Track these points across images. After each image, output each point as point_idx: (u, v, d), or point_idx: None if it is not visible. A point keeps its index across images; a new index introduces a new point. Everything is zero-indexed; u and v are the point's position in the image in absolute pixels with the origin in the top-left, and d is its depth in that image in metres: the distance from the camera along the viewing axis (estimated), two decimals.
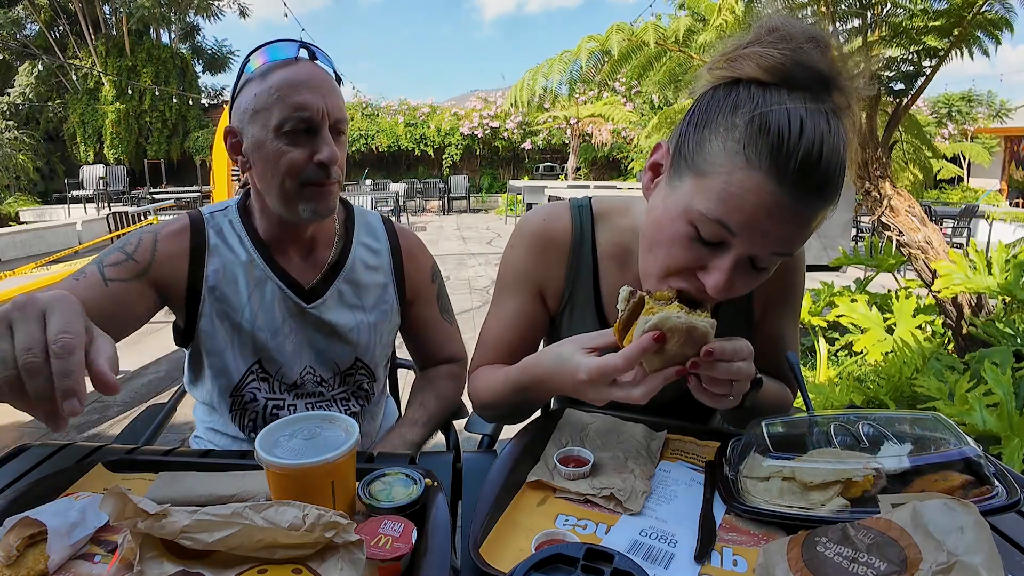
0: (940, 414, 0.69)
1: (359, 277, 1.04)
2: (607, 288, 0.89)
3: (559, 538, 0.58)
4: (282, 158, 0.87)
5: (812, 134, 0.57)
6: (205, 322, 0.96)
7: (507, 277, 0.92)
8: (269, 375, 0.99)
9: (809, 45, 0.60)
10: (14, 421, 2.91)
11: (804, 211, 0.60)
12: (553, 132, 14.62)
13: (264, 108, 0.87)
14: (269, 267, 0.97)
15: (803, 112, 0.58)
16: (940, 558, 0.45)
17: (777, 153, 0.57)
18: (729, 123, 0.61)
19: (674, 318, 0.62)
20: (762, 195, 0.58)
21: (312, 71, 0.89)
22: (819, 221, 0.62)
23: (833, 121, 0.60)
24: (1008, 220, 8.89)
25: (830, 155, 0.58)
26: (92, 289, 0.88)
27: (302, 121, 0.87)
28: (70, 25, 13.41)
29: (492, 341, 0.94)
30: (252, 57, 0.91)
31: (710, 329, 0.63)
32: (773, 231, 0.60)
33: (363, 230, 1.07)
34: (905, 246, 2.77)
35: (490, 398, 0.88)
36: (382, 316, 1.06)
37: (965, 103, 13.88)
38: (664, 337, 0.61)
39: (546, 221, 0.90)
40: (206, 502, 0.64)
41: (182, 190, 11.98)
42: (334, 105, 0.89)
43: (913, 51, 2.65)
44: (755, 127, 0.59)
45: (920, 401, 2.06)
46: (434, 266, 1.15)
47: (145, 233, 0.96)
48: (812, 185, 0.58)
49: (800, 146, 0.57)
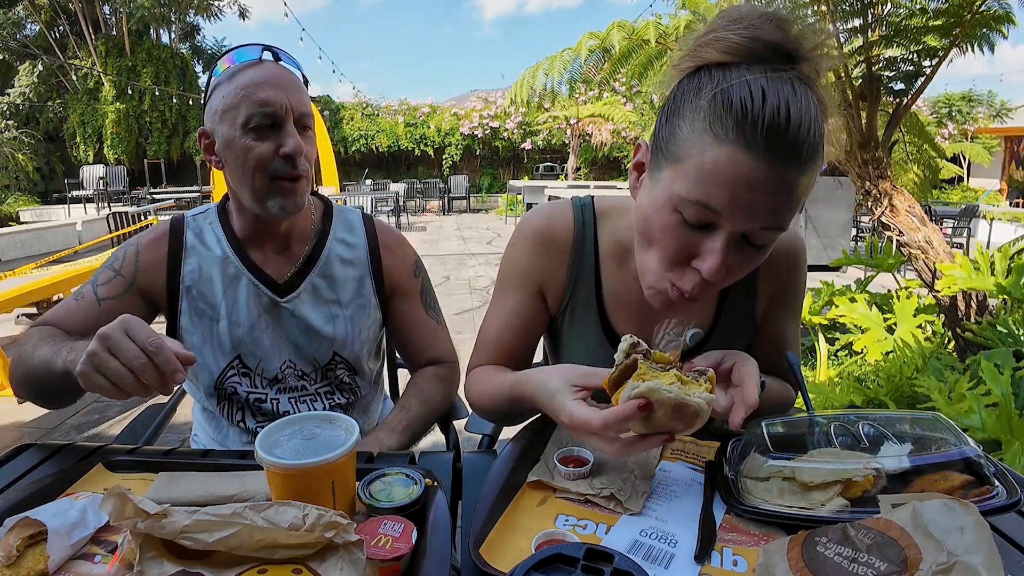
0: (940, 414, 0.69)
1: (334, 271, 1.05)
2: (609, 287, 0.88)
3: (559, 538, 0.58)
4: (250, 153, 0.91)
5: (776, 99, 0.58)
6: (184, 320, 1.00)
7: (508, 275, 0.92)
8: (250, 370, 1.02)
9: (766, 24, 0.61)
10: (14, 421, 2.91)
11: (782, 178, 0.59)
12: (553, 132, 14.62)
13: (232, 107, 0.91)
14: (243, 263, 1.01)
15: (764, 81, 0.59)
16: (940, 558, 0.45)
17: (743, 122, 0.58)
18: (695, 106, 0.62)
19: (663, 391, 0.58)
20: (736, 167, 0.59)
21: (276, 70, 0.94)
22: (805, 188, 0.61)
23: (800, 88, 0.59)
24: (1008, 220, 8.89)
25: (798, 118, 0.58)
26: (90, 309, 0.97)
27: (267, 116, 0.90)
28: (70, 25, 13.41)
29: (491, 341, 0.93)
30: (220, 62, 0.96)
31: (704, 407, 0.59)
32: (756, 203, 0.60)
33: (340, 225, 1.09)
34: (905, 246, 2.77)
35: (485, 402, 0.89)
36: (359, 310, 1.06)
37: (965, 103, 13.88)
38: (651, 406, 0.59)
39: (549, 219, 0.89)
40: (206, 502, 0.64)
41: (182, 190, 11.98)
42: (297, 100, 0.93)
43: (913, 51, 2.65)
44: (718, 103, 0.60)
45: (920, 401, 2.06)
46: (417, 261, 1.15)
47: (129, 247, 1.02)
48: (784, 149, 0.58)
49: (764, 112, 0.57)
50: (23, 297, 3.44)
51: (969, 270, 2.51)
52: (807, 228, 6.27)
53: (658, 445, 0.63)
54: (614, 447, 0.63)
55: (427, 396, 1.07)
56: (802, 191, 0.61)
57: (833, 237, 6.76)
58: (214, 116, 0.94)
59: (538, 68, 4.26)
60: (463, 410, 1.17)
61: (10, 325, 4.55)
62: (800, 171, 0.60)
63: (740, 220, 0.61)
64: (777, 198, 0.60)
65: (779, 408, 0.88)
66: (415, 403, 1.04)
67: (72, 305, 0.98)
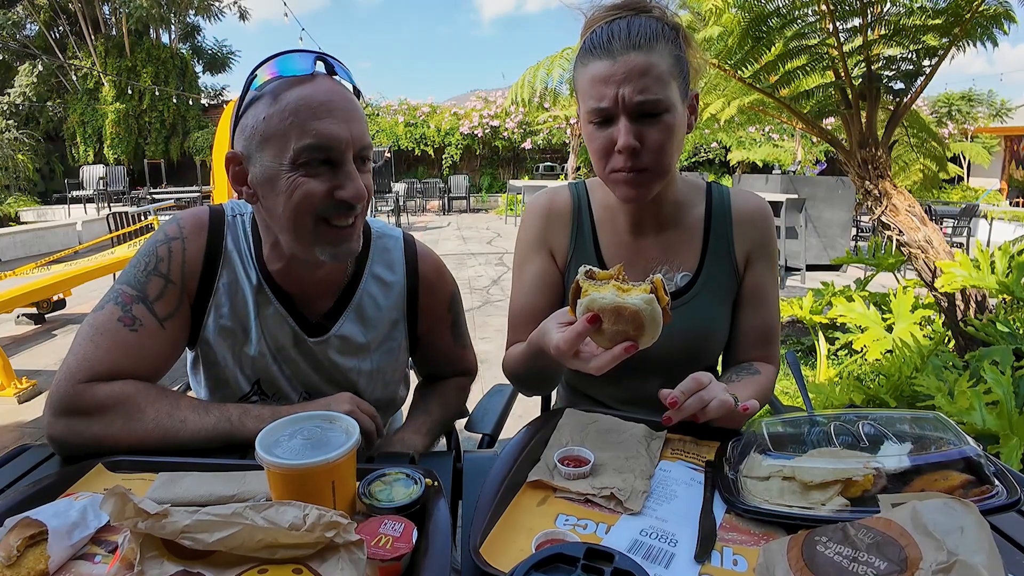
0: (940, 413, 0.69)
1: (367, 313, 0.96)
2: (605, 242, 1.04)
3: (559, 538, 0.58)
4: (296, 191, 0.77)
5: (613, 21, 0.86)
6: (210, 334, 0.91)
7: (523, 248, 1.07)
8: (267, 396, 0.96)
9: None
10: (15, 421, 2.91)
11: (631, 62, 0.82)
12: (553, 132, 14.61)
13: (278, 135, 0.76)
14: (274, 294, 0.91)
15: (604, 18, 0.88)
16: (940, 557, 0.45)
17: (592, 45, 0.86)
18: (576, 63, 0.91)
19: (599, 299, 0.67)
20: (598, 70, 0.85)
21: (332, 90, 0.79)
22: (665, 68, 0.83)
23: (638, 16, 0.86)
24: (1008, 219, 8.89)
25: (628, 25, 0.84)
26: (154, 338, 0.83)
27: (322, 151, 0.76)
28: (70, 25, 13.40)
29: (520, 312, 1.04)
30: (259, 71, 0.79)
31: (643, 306, 0.66)
32: (625, 86, 0.83)
33: (378, 259, 0.98)
34: (905, 245, 2.77)
35: (519, 372, 0.98)
36: (386, 356, 1.00)
37: (965, 103, 13.88)
38: (598, 318, 0.68)
39: (550, 196, 1.07)
40: (206, 502, 0.64)
41: (182, 190, 11.98)
42: (359, 132, 0.79)
43: (912, 50, 2.65)
44: (581, 49, 0.89)
45: (920, 400, 2.06)
46: (453, 295, 1.07)
47: (172, 243, 0.87)
48: (622, 43, 0.83)
49: (603, 29, 0.86)
50: (23, 297, 3.44)
51: (969, 268, 2.51)
52: (807, 228, 6.27)
53: (625, 354, 0.69)
54: (590, 364, 0.71)
55: (447, 402, 1.07)
56: (662, 68, 0.83)
57: (833, 237, 6.76)
58: (250, 140, 0.78)
59: (538, 68, 4.26)
60: (464, 410, 1.17)
61: (10, 325, 4.55)
62: (643, 55, 0.83)
63: (622, 104, 0.83)
64: (637, 78, 0.82)
65: (762, 398, 0.97)
66: (436, 407, 1.03)
67: (131, 341, 0.81)
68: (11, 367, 3.19)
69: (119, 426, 0.77)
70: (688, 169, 14.29)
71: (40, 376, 3.40)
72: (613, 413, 0.86)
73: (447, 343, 1.09)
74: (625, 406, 1.05)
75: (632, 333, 0.68)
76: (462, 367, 1.14)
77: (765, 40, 2.73)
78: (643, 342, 0.69)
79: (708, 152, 14.45)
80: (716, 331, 1.02)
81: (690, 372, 0.78)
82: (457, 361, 1.12)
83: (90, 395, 0.77)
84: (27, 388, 3.18)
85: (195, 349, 0.95)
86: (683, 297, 0.99)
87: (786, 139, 12.54)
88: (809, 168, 10.33)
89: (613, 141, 0.86)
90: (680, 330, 0.93)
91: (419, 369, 1.16)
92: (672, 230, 1.02)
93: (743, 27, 2.70)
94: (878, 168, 2.76)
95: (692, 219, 1.02)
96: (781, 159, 11.91)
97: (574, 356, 0.72)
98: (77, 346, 0.80)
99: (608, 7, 0.90)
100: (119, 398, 0.77)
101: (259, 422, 0.76)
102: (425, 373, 1.16)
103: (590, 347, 0.73)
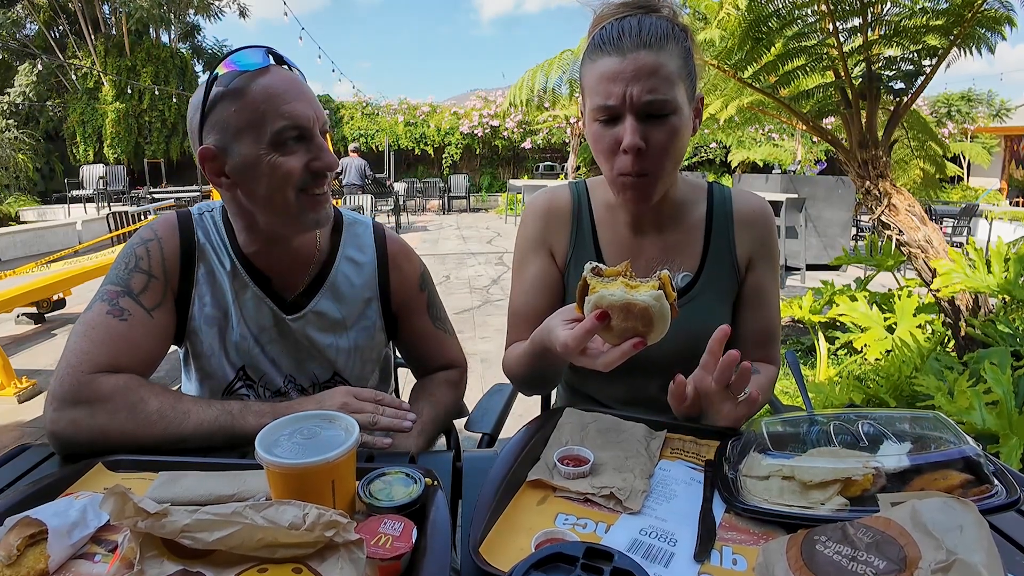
0: (940, 413, 0.69)
1: (341, 292, 1.02)
2: (605, 240, 1.04)
3: (559, 537, 0.58)
4: (278, 170, 0.85)
5: (624, 18, 0.85)
6: (195, 325, 0.96)
7: (522, 248, 1.07)
8: (253, 381, 1.00)
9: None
10: (15, 421, 2.92)
11: (640, 61, 0.82)
12: (553, 132, 14.61)
13: (252, 124, 0.83)
14: (250, 276, 0.97)
15: (617, 16, 0.86)
16: (939, 556, 0.45)
17: (601, 41, 0.85)
18: (584, 59, 0.90)
19: (609, 296, 0.67)
20: (606, 67, 0.84)
21: (289, 77, 0.88)
22: (673, 68, 0.83)
23: (648, 15, 0.85)
24: (1008, 219, 8.88)
25: (639, 23, 0.84)
26: (144, 327, 0.88)
27: (296, 128, 0.85)
28: (70, 25, 13.40)
29: (520, 311, 1.04)
30: (219, 68, 0.86)
31: (652, 303, 0.66)
32: (633, 85, 0.82)
33: (350, 243, 1.05)
34: (905, 245, 2.77)
35: (520, 371, 0.98)
36: (363, 334, 1.04)
37: (965, 103, 13.88)
38: (606, 315, 0.68)
39: (549, 195, 1.08)
40: (206, 502, 0.64)
41: (182, 190, 11.96)
42: (319, 110, 0.89)
43: (913, 50, 2.65)
44: (593, 39, 0.88)
45: (920, 399, 2.06)
46: (423, 274, 1.12)
47: (148, 242, 0.93)
48: (632, 41, 0.82)
49: (614, 28, 0.85)
50: (23, 297, 3.45)
51: (965, 269, 2.51)
52: (807, 227, 6.27)
53: (634, 350, 0.69)
54: (598, 361, 0.71)
55: (436, 400, 1.06)
56: (671, 68, 0.83)
57: (833, 236, 6.76)
58: (225, 133, 0.85)
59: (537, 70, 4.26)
60: (464, 409, 1.17)
61: (10, 325, 4.55)
62: (653, 54, 0.82)
63: (629, 103, 0.83)
64: (646, 77, 0.82)
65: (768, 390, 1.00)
66: (426, 407, 1.03)
67: (122, 330, 0.85)
68: (11, 367, 3.20)
69: (123, 417, 0.79)
70: (688, 169, 14.28)
71: (40, 376, 3.40)
72: (613, 413, 0.85)
73: (425, 324, 1.11)
74: (625, 406, 1.05)
75: (641, 329, 0.68)
76: (448, 356, 1.14)
77: (765, 41, 2.73)
78: (652, 338, 0.69)
79: (708, 152, 14.45)
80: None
81: (690, 372, 0.78)
82: (441, 347, 1.13)
83: (96, 385, 0.80)
84: (27, 388, 3.18)
85: (184, 344, 1.00)
86: (684, 297, 1.00)
87: (786, 139, 12.54)
88: (809, 168, 10.34)
89: (618, 141, 0.85)
90: (681, 330, 0.92)
91: (407, 361, 1.18)
92: (673, 230, 1.02)
93: (743, 28, 2.70)
94: (878, 168, 2.77)
95: (693, 219, 1.02)
96: (781, 159, 11.90)
97: (581, 353, 0.72)
98: (73, 343, 0.83)
99: (618, 4, 0.89)
100: (124, 389, 0.81)
101: (259, 417, 0.81)
102: (414, 366, 1.17)
103: (597, 344, 0.74)
